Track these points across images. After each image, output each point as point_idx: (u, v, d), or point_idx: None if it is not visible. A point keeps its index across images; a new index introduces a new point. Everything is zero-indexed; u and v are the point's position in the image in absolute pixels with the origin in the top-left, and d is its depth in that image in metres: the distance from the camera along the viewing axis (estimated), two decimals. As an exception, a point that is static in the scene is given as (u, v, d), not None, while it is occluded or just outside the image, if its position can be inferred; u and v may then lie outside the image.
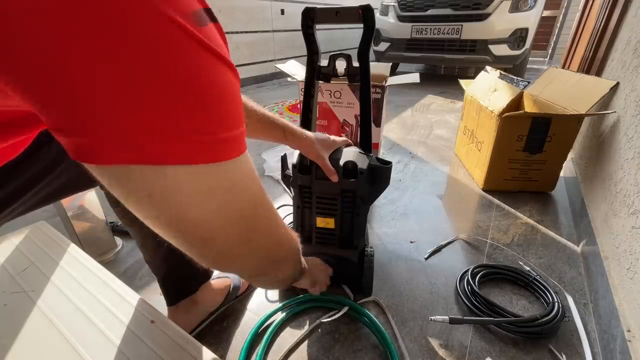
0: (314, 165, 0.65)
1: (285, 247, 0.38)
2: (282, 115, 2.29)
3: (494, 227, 1.06)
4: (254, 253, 0.32)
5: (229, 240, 0.28)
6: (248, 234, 0.30)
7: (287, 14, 3.65)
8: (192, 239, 0.27)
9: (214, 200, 0.25)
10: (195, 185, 0.23)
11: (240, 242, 0.29)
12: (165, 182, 0.22)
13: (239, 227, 0.28)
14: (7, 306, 0.48)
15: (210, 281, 0.70)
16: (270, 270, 0.38)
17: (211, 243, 0.27)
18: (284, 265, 0.41)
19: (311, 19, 0.68)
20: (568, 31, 2.92)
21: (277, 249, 0.36)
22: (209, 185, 0.24)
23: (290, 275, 0.46)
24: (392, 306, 0.77)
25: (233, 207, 0.27)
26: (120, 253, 0.95)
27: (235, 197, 0.26)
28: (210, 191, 0.24)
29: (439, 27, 2.98)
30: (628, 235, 0.69)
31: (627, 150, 0.81)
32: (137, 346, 0.43)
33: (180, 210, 0.24)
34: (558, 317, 0.69)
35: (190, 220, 0.25)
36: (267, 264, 0.36)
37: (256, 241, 0.31)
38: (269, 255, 0.35)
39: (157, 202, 0.23)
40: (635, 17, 1.06)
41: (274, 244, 0.35)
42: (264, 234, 0.32)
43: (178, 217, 0.24)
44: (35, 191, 0.41)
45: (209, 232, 0.26)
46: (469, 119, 1.46)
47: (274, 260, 0.37)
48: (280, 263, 0.39)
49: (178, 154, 0.21)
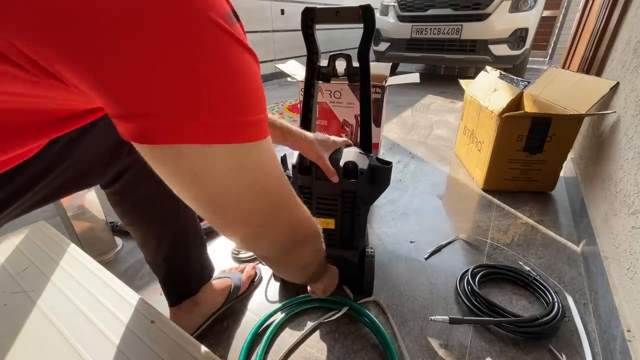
0: (314, 166, 0.65)
1: (308, 226, 0.40)
2: (282, 116, 2.30)
3: (494, 227, 1.06)
4: (281, 229, 0.35)
5: (259, 215, 0.31)
6: (275, 210, 0.33)
7: (287, 14, 3.65)
8: (230, 216, 0.30)
9: (245, 176, 0.28)
10: (231, 162, 0.26)
11: (270, 217, 0.32)
12: (209, 159, 0.25)
13: (268, 201, 0.31)
14: (7, 306, 0.48)
15: (211, 282, 0.70)
16: (294, 250, 0.40)
17: (246, 218, 0.31)
18: (308, 247, 0.43)
19: (311, 19, 0.67)
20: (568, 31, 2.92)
21: (301, 226, 0.38)
22: (242, 163, 0.27)
23: (312, 261, 0.47)
24: (392, 306, 0.77)
25: (262, 183, 0.30)
26: (120, 253, 0.95)
27: (264, 175, 0.30)
28: (243, 168, 0.27)
29: (439, 27, 2.98)
30: (628, 235, 0.69)
31: (627, 150, 0.81)
32: (137, 346, 0.43)
33: (221, 187, 0.27)
34: (558, 317, 0.69)
35: (226, 196, 0.28)
36: (292, 243, 0.38)
37: (283, 217, 0.34)
38: (294, 233, 0.37)
39: (202, 180, 0.26)
40: (635, 17, 1.06)
41: (298, 220, 0.37)
42: (289, 211, 0.35)
43: (218, 193, 0.27)
44: (35, 191, 0.41)
45: (244, 207, 0.30)
46: (469, 119, 1.46)
47: (299, 240, 0.39)
48: (304, 244, 0.41)
49: (221, 134, 0.24)
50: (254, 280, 0.83)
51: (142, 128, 0.23)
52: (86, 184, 0.50)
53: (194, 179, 0.26)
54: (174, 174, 0.26)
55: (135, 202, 0.54)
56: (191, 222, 0.61)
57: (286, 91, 3.11)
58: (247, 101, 0.25)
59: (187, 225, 0.60)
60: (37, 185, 0.41)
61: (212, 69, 0.22)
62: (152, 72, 0.21)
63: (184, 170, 0.25)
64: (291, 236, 0.37)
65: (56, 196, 0.46)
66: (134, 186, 0.52)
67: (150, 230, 0.58)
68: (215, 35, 0.22)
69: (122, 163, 0.49)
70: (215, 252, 0.94)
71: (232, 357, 0.66)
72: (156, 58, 0.21)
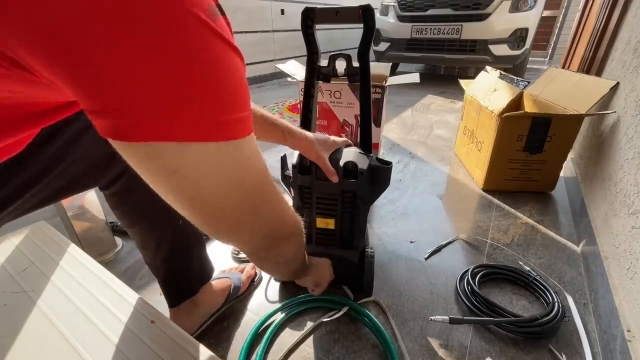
0: (314, 166, 0.65)
1: (290, 223, 0.41)
2: (282, 116, 2.30)
3: (494, 227, 1.06)
4: (261, 225, 0.35)
5: (240, 210, 0.31)
6: (257, 206, 0.33)
7: (287, 14, 3.65)
8: (208, 212, 0.30)
9: (227, 174, 0.28)
10: (212, 160, 0.26)
11: (250, 213, 0.32)
12: (188, 157, 0.25)
13: (249, 198, 0.31)
14: (7, 306, 0.48)
15: (210, 282, 0.70)
16: (275, 246, 0.40)
17: (225, 214, 0.31)
18: (289, 244, 0.42)
19: (311, 19, 0.67)
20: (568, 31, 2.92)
21: (282, 222, 0.39)
22: (223, 161, 0.27)
23: (294, 257, 0.47)
24: (392, 306, 0.77)
25: (244, 180, 0.30)
26: (120, 253, 0.95)
27: (245, 172, 0.30)
28: (225, 166, 0.27)
29: (439, 27, 2.98)
30: (628, 235, 0.69)
31: (627, 150, 0.81)
32: (137, 346, 0.43)
33: (199, 185, 0.27)
34: (558, 317, 0.69)
35: (207, 193, 0.28)
36: (272, 239, 0.38)
37: (264, 213, 0.34)
38: (274, 229, 0.37)
39: (181, 178, 0.26)
40: (635, 17, 1.06)
41: (280, 217, 0.38)
42: (271, 207, 0.35)
43: (198, 191, 0.27)
44: (34, 192, 0.41)
45: (223, 203, 0.29)
46: (469, 119, 1.46)
47: (279, 236, 0.39)
48: (285, 240, 0.41)
49: (200, 132, 0.24)
50: (254, 280, 0.83)
51: (117, 124, 0.22)
52: (85, 185, 0.50)
53: (172, 176, 0.25)
54: (150, 172, 0.25)
55: (134, 204, 0.54)
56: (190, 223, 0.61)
57: (286, 91, 3.12)
58: (229, 99, 0.25)
59: (187, 227, 0.60)
60: (36, 186, 0.41)
61: (190, 64, 0.22)
62: (127, 66, 0.20)
63: (161, 167, 0.25)
64: (271, 232, 0.37)
65: (55, 198, 0.46)
66: (132, 188, 0.52)
67: (149, 232, 0.58)
68: (195, 30, 0.21)
69: (121, 165, 0.49)
70: (215, 252, 0.94)
71: (232, 357, 0.66)
72: (131, 51, 0.20)
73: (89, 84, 0.21)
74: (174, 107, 0.22)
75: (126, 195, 0.53)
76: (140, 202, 0.54)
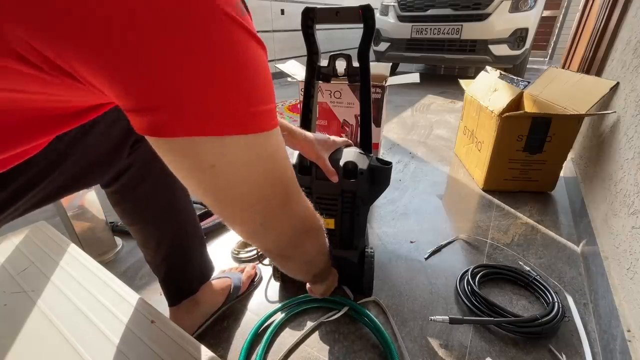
0: (314, 166, 0.65)
1: (314, 218, 0.41)
2: (282, 116, 2.30)
3: (494, 227, 1.06)
4: (290, 219, 0.36)
5: (271, 202, 0.32)
6: (286, 199, 0.33)
7: (287, 14, 3.65)
8: (238, 206, 0.30)
9: (260, 166, 0.28)
10: (247, 153, 0.27)
11: (280, 206, 0.33)
12: (224, 151, 0.25)
13: (280, 190, 0.32)
14: (7, 306, 0.48)
15: (211, 281, 0.70)
16: (301, 242, 0.40)
17: (256, 209, 0.31)
18: (313, 240, 0.43)
19: (311, 19, 0.67)
20: (568, 31, 2.92)
21: (307, 216, 0.39)
22: (256, 153, 0.27)
23: (316, 256, 0.48)
24: (392, 306, 0.77)
25: (273, 172, 0.30)
26: (120, 253, 0.95)
27: (276, 164, 0.30)
28: (258, 158, 0.28)
29: (439, 27, 2.98)
30: (628, 235, 0.69)
31: (627, 150, 0.81)
32: (137, 346, 0.43)
33: (233, 177, 0.27)
34: (558, 317, 0.69)
35: (240, 186, 0.28)
36: (299, 234, 0.39)
37: (292, 207, 0.35)
38: (301, 223, 0.38)
39: (217, 172, 0.26)
40: (635, 17, 1.06)
41: (305, 211, 0.38)
42: (298, 201, 0.36)
43: (231, 184, 0.28)
44: (37, 190, 0.41)
45: (254, 196, 0.30)
46: (469, 119, 1.46)
47: (305, 230, 0.39)
48: (310, 236, 0.41)
49: (235, 126, 0.25)
50: (254, 280, 0.83)
51: (157, 121, 0.23)
52: (87, 183, 0.50)
53: (210, 170, 0.26)
54: (189, 167, 0.26)
55: (135, 202, 0.55)
56: (191, 222, 0.61)
57: (286, 91, 3.11)
58: (260, 91, 0.26)
59: (187, 225, 0.61)
60: (40, 184, 0.41)
61: (226, 60, 0.23)
62: (166, 65, 0.21)
63: (200, 162, 0.25)
64: (300, 227, 0.38)
65: (58, 195, 0.46)
66: (134, 185, 0.52)
67: (150, 230, 0.58)
68: (228, 28, 0.22)
69: (123, 162, 0.49)
70: (215, 252, 0.94)
71: (232, 357, 0.66)
72: (170, 51, 0.21)
73: (130, 83, 0.21)
74: (212, 102, 0.23)
75: (127, 192, 0.53)
76: (141, 200, 0.54)
